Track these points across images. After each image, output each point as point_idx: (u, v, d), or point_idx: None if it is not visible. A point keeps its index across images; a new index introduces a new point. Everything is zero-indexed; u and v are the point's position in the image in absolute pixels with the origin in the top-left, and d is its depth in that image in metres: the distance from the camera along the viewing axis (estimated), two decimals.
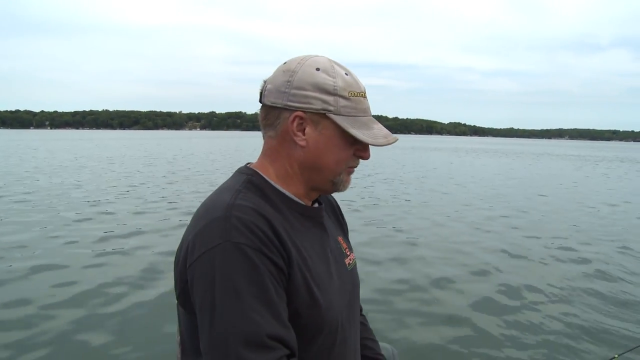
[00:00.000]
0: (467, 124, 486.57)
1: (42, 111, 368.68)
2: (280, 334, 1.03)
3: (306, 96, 1.18)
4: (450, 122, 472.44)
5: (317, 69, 1.20)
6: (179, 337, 1.24)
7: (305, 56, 1.24)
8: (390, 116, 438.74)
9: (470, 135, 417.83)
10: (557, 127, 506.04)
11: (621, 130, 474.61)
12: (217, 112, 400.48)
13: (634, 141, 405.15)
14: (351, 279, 1.37)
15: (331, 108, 1.19)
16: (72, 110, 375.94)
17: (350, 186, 1.32)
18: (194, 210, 1.19)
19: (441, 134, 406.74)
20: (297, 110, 1.19)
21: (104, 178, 18.93)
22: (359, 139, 1.19)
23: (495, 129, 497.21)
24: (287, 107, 1.20)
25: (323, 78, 1.19)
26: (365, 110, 1.24)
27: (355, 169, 1.31)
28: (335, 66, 1.22)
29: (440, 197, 15.56)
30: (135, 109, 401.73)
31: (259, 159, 1.31)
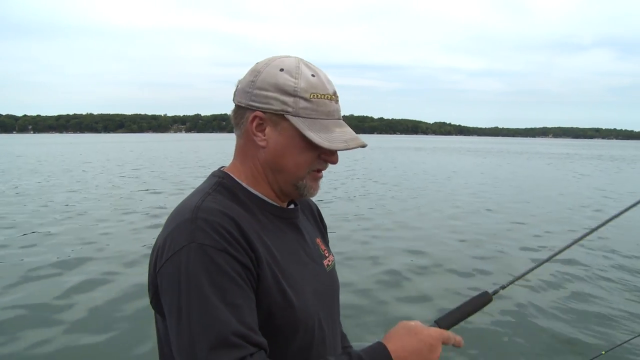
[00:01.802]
0: (452, 123, 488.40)
1: (25, 115, 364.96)
2: (244, 333, 1.02)
3: (266, 97, 1.19)
4: (435, 122, 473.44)
5: (281, 70, 1.20)
6: (158, 343, 1.23)
7: (274, 57, 1.24)
8: (376, 117, 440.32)
9: (456, 135, 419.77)
10: (542, 126, 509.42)
11: (604, 128, 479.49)
12: (202, 114, 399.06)
13: (615, 139, 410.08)
14: (330, 280, 1.36)
15: (289, 109, 1.18)
16: (56, 114, 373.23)
17: (318, 190, 1.30)
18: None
19: (427, 134, 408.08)
20: (256, 110, 1.20)
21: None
22: (313, 141, 1.17)
23: (480, 128, 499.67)
24: (249, 107, 1.21)
25: (285, 79, 1.18)
26: (329, 113, 1.22)
27: (320, 174, 1.28)
28: (303, 67, 1.21)
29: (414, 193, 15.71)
30: (120, 112, 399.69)
31: (232, 160, 1.33)
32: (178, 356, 1.04)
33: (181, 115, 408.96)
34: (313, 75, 1.21)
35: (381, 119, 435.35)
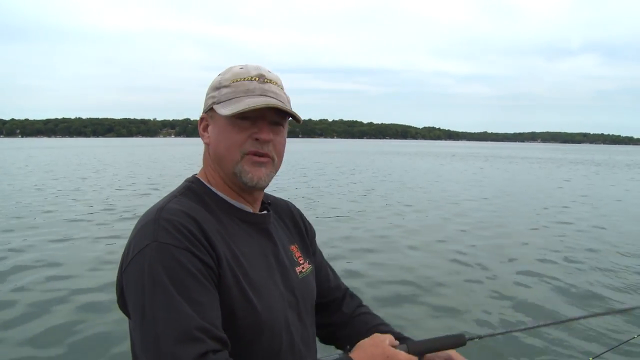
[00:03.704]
0: (441, 128, 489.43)
1: (13, 119, 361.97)
2: (206, 328, 1.04)
3: (206, 99, 1.31)
4: (424, 127, 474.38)
5: (219, 75, 1.31)
6: (131, 346, 1.24)
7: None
8: (365, 121, 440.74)
9: (445, 140, 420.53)
10: (530, 131, 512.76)
11: (591, 133, 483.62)
12: (191, 118, 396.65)
13: (603, 143, 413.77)
14: (301, 286, 1.37)
15: (215, 100, 1.27)
16: (44, 118, 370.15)
17: (263, 179, 1.29)
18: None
19: (416, 139, 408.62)
20: (202, 115, 1.33)
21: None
22: (221, 114, 1.24)
23: (469, 133, 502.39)
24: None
25: (215, 79, 1.31)
26: (248, 90, 1.25)
27: (260, 159, 1.28)
28: (236, 67, 1.30)
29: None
30: (109, 117, 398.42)
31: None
32: (142, 352, 1.05)
33: (170, 119, 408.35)
34: (241, 68, 1.29)
35: (370, 123, 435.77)
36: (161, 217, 1.14)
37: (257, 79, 1.27)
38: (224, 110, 1.23)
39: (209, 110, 1.29)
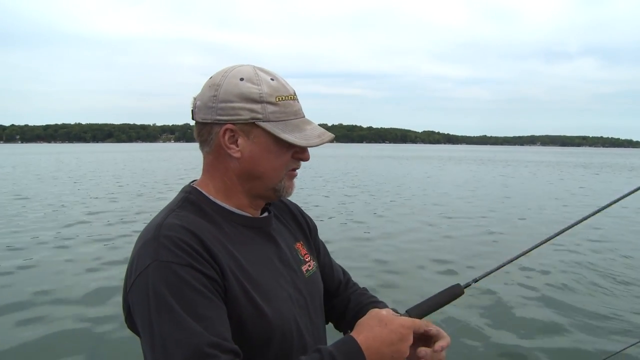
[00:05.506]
0: (440, 132, 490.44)
1: (13, 125, 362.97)
2: (217, 343, 1.03)
3: (233, 108, 1.18)
4: (424, 131, 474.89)
5: (241, 79, 1.20)
6: None
7: (229, 67, 1.24)
8: (365, 126, 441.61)
9: (444, 143, 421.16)
10: (529, 134, 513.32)
11: (590, 136, 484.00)
12: (191, 124, 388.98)
13: (602, 146, 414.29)
14: (308, 286, 1.36)
15: (259, 116, 1.18)
16: (44, 124, 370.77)
17: (294, 191, 1.31)
18: None
19: (415, 143, 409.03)
20: (226, 124, 1.19)
21: None
22: (291, 142, 1.19)
23: (469, 137, 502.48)
24: (217, 122, 1.20)
25: (248, 87, 1.19)
26: (296, 112, 1.24)
27: (297, 172, 1.31)
28: (260, 73, 1.22)
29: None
30: (109, 122, 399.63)
31: (201, 176, 1.32)
32: None
33: (170, 124, 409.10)
34: (272, 79, 1.22)
35: (370, 128, 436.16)
36: (160, 234, 1.12)
37: (295, 97, 1.25)
38: (290, 136, 1.20)
39: (243, 123, 1.19)
